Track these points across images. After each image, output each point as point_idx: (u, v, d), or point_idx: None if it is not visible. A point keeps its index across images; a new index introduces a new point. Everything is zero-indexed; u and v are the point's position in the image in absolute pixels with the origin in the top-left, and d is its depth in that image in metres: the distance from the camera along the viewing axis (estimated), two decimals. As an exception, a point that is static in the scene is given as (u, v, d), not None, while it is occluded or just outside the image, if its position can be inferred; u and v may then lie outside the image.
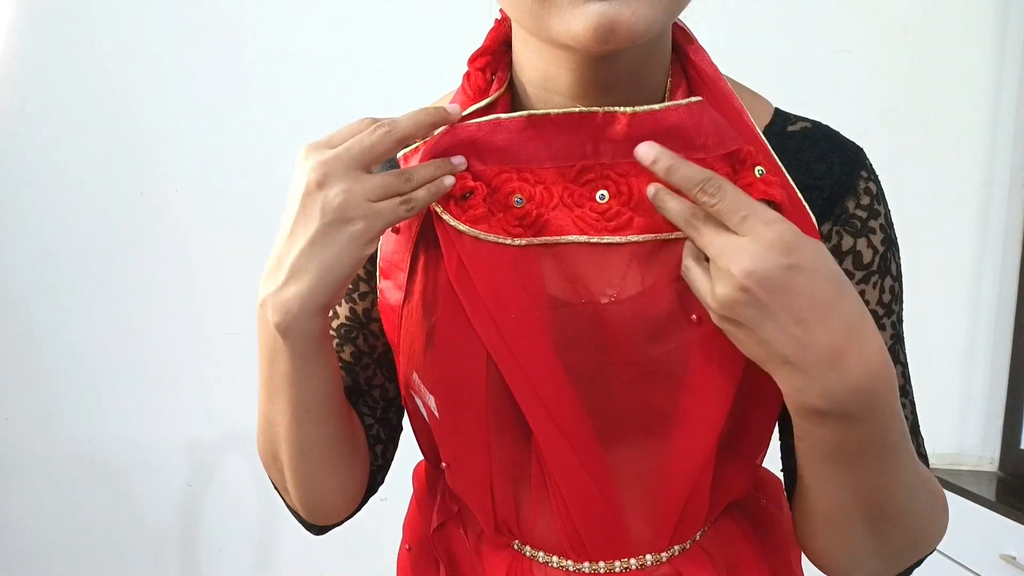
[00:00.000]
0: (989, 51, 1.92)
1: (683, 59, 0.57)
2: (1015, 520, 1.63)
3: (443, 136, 0.54)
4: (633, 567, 0.59)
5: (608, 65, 0.52)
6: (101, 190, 1.88)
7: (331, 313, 0.65)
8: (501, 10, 0.58)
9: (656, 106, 0.51)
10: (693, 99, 0.52)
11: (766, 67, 1.95)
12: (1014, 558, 1.62)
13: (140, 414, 1.93)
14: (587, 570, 0.59)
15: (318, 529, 0.66)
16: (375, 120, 0.51)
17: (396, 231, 0.59)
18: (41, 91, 1.86)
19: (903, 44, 1.91)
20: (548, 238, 0.54)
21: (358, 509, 0.67)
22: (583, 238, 0.53)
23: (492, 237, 0.53)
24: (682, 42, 0.57)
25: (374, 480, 0.68)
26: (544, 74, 0.54)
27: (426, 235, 0.57)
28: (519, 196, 0.54)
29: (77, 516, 1.96)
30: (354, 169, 0.49)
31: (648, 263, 0.53)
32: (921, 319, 1.99)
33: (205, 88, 1.86)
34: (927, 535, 0.58)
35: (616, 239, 0.53)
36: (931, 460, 2.23)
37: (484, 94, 0.57)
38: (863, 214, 0.58)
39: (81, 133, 1.87)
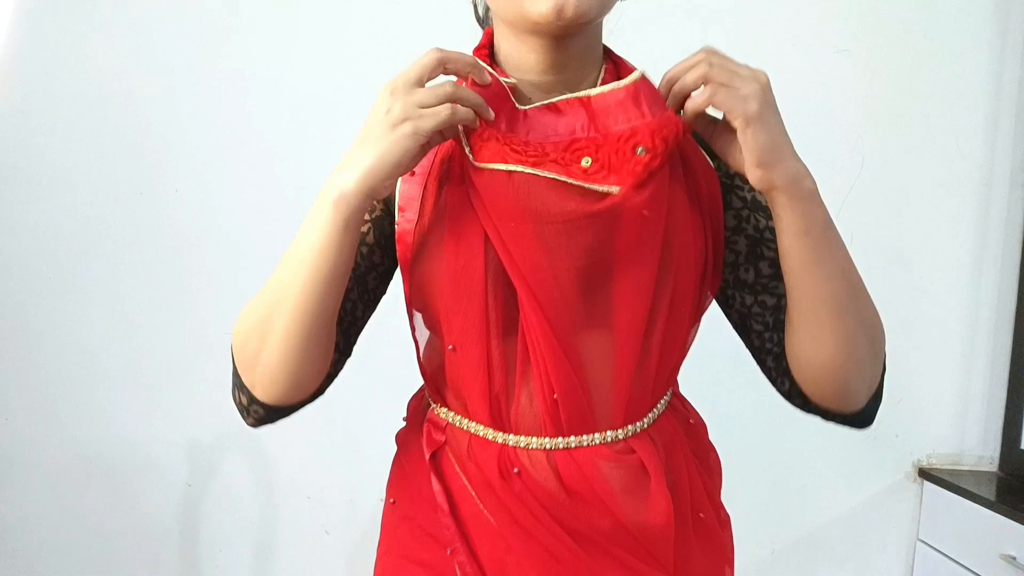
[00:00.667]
0: (989, 51, 1.92)
1: (610, 57, 0.79)
2: (1015, 520, 1.63)
3: (498, 86, 0.72)
4: (597, 442, 0.74)
5: (562, 49, 0.72)
6: (101, 190, 1.88)
7: None
8: (486, 30, 0.79)
9: (609, 87, 0.72)
10: (635, 76, 0.72)
11: (766, 67, 1.95)
12: (1014, 558, 1.62)
13: (140, 414, 1.94)
14: (561, 446, 0.73)
15: (262, 414, 0.76)
16: (440, 50, 0.67)
17: (412, 174, 0.74)
18: (41, 91, 1.86)
19: (903, 44, 1.91)
20: (538, 171, 0.69)
21: (297, 408, 0.77)
22: (568, 179, 0.69)
23: (491, 165, 0.70)
24: (608, 51, 0.79)
25: (323, 385, 0.78)
26: (517, 58, 0.74)
27: (436, 174, 0.74)
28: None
29: (77, 516, 1.96)
30: (410, 86, 0.65)
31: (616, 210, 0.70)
32: (921, 319, 2.00)
33: (205, 89, 1.86)
34: (879, 321, 0.75)
35: (595, 186, 0.69)
36: (931, 460, 2.22)
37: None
38: (743, 192, 0.81)
39: (81, 133, 1.87)
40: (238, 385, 0.77)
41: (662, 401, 0.80)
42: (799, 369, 0.76)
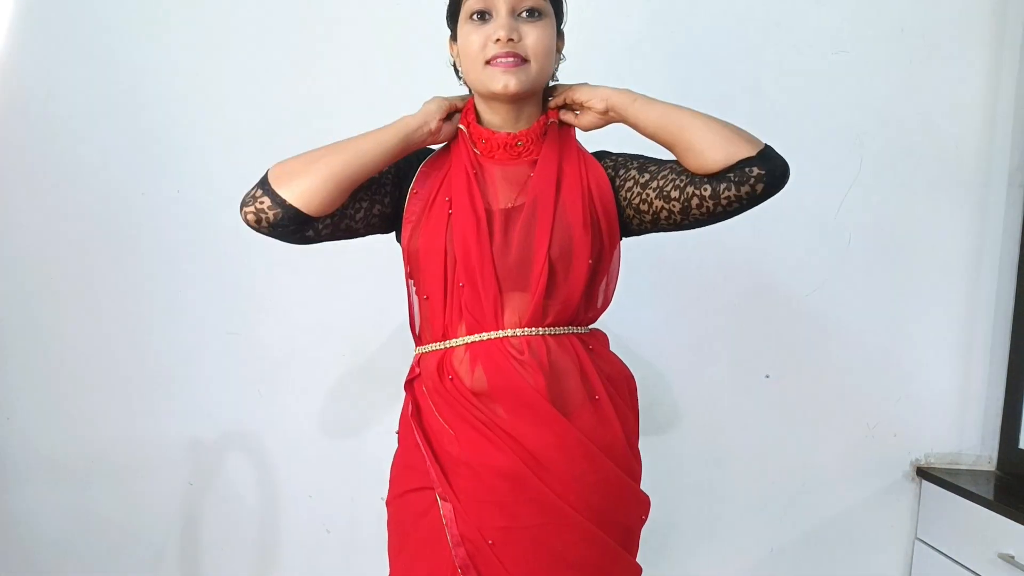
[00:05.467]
0: (987, 52, 1.92)
1: (547, 112, 1.27)
2: (1013, 519, 1.64)
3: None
4: (502, 336, 1.15)
5: (514, 110, 1.20)
6: (103, 190, 1.89)
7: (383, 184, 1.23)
8: (470, 99, 1.24)
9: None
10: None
11: (766, 68, 1.96)
12: (1012, 557, 1.63)
13: (142, 414, 1.94)
14: (476, 340, 1.16)
15: (284, 212, 1.11)
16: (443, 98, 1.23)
17: (416, 193, 1.21)
18: (43, 92, 1.87)
19: (902, 44, 1.91)
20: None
21: (296, 224, 1.13)
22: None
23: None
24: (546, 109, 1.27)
25: (318, 224, 1.16)
26: (489, 117, 1.22)
27: (431, 190, 1.20)
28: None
29: (79, 515, 1.97)
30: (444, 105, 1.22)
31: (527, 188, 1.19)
32: (920, 319, 2.01)
33: (207, 89, 1.87)
34: (740, 133, 1.10)
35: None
36: (930, 459, 2.22)
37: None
38: (613, 156, 1.26)
39: (83, 134, 1.88)
40: (268, 192, 1.12)
41: (563, 328, 1.18)
42: (718, 165, 1.08)
